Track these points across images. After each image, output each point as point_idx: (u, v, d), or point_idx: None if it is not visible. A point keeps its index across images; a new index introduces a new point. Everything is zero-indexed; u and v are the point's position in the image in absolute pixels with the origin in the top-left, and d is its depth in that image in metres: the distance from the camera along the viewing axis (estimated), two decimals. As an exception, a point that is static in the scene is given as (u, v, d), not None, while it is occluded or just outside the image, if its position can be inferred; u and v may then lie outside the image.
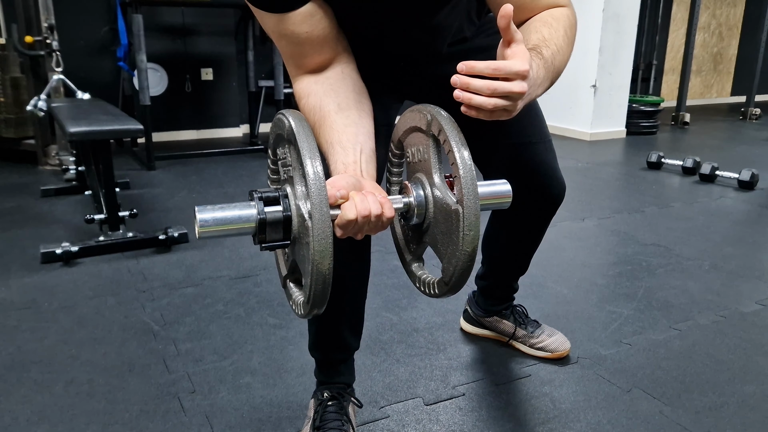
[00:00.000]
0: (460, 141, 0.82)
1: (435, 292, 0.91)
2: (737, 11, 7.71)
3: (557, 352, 1.55)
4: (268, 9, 0.96)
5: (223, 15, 4.71)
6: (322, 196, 0.75)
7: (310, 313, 0.83)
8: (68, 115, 2.56)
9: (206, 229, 0.79)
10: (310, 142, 0.78)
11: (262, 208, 0.80)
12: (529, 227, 1.38)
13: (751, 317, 1.83)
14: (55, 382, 1.46)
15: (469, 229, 0.80)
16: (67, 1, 4.14)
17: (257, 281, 2.07)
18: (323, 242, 0.75)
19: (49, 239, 2.35)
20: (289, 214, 0.81)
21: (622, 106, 5.09)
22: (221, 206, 0.81)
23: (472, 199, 0.80)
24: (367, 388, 1.45)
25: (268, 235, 0.81)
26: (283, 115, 0.83)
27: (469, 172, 0.80)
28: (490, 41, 1.25)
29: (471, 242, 0.81)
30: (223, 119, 5.02)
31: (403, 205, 0.90)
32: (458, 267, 0.83)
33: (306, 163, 0.76)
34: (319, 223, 0.74)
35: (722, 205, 3.10)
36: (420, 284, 0.95)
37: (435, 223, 0.88)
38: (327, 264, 0.76)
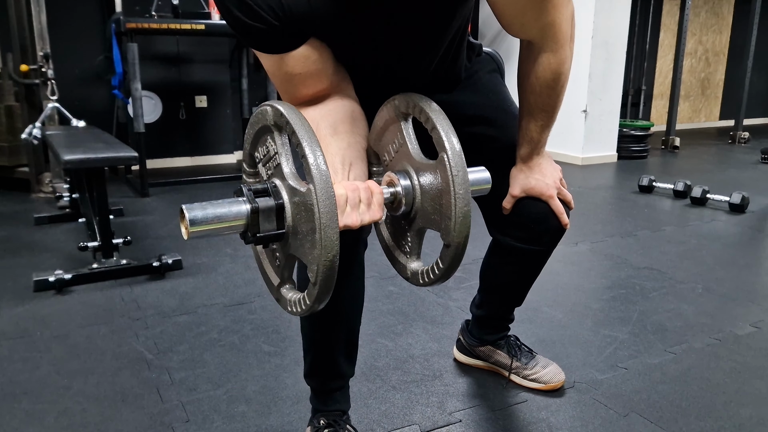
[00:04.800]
0: (445, 122, 0.83)
1: (439, 268, 0.88)
2: (723, 38, 7.86)
3: (551, 384, 1.54)
4: (262, 50, 0.98)
5: (217, 44, 4.77)
6: (322, 170, 0.72)
7: (318, 299, 0.79)
8: (63, 143, 2.57)
9: (196, 228, 0.76)
10: (302, 120, 0.76)
11: (252, 197, 0.78)
12: (526, 262, 1.37)
13: (746, 340, 1.83)
14: (47, 413, 1.45)
15: (461, 188, 0.80)
16: (62, 30, 4.17)
17: (251, 308, 2.06)
18: (329, 209, 0.72)
19: (42, 267, 2.34)
20: (282, 202, 0.78)
21: (612, 130, 5.15)
22: (210, 202, 0.78)
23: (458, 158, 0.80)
24: (363, 415, 1.44)
25: (262, 226, 0.78)
26: (266, 105, 0.81)
27: (458, 152, 0.81)
28: (487, 81, 1.29)
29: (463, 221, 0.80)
30: (217, 146, 5.04)
31: (390, 194, 0.89)
32: (457, 226, 0.81)
33: (303, 141, 0.74)
34: (321, 184, 0.72)
35: (714, 228, 3.12)
36: (422, 277, 0.93)
37: (424, 205, 0.87)
38: (334, 232, 0.72)
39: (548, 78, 1.12)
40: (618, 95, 5.09)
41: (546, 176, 1.23)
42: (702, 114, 8.03)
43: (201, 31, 3.87)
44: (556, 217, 1.26)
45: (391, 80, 1.16)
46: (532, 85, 1.14)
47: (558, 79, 1.13)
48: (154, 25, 3.75)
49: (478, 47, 1.31)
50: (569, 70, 1.14)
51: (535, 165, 1.23)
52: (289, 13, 0.93)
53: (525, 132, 1.20)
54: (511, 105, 1.32)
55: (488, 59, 1.34)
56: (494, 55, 1.36)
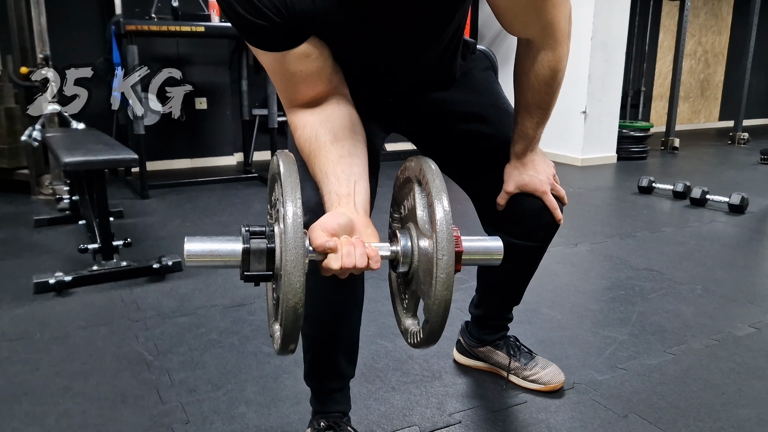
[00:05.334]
0: (440, 188, 0.83)
1: (419, 339, 0.91)
2: (722, 39, 7.86)
3: (550, 385, 1.54)
4: (263, 48, 0.98)
5: (217, 45, 4.77)
6: (297, 232, 0.76)
7: (284, 347, 0.83)
8: (63, 145, 2.57)
9: (193, 259, 0.82)
10: (293, 184, 0.79)
11: (248, 238, 0.82)
12: (522, 259, 1.38)
13: (745, 341, 1.84)
14: (47, 414, 1.45)
15: (443, 272, 0.80)
16: (62, 33, 4.18)
17: (251, 310, 2.06)
18: (294, 273, 0.76)
19: (42, 269, 2.34)
20: (273, 246, 0.82)
21: (612, 131, 5.15)
22: (210, 238, 0.83)
23: (446, 240, 0.80)
24: (362, 416, 1.45)
25: (252, 265, 0.83)
26: (276, 155, 0.85)
27: (444, 217, 0.80)
28: (481, 79, 1.30)
29: (444, 285, 0.80)
30: (217, 148, 5.04)
31: (390, 253, 0.90)
32: (434, 309, 0.82)
33: (287, 205, 0.77)
34: (292, 261, 0.76)
35: (713, 229, 3.13)
36: (409, 337, 0.95)
37: (419, 270, 0.88)
38: (296, 296, 0.76)
39: (546, 75, 1.14)
40: (617, 96, 5.10)
41: (540, 172, 1.25)
42: (701, 115, 8.04)
43: (201, 33, 3.88)
44: (550, 213, 1.27)
45: (390, 79, 1.17)
46: (530, 82, 1.15)
47: (556, 76, 1.15)
48: (153, 27, 3.76)
49: (472, 45, 1.32)
50: (566, 68, 1.16)
51: (529, 161, 1.25)
52: (292, 11, 0.93)
53: (520, 128, 1.21)
54: (505, 102, 1.34)
55: (482, 57, 1.35)
56: (488, 53, 1.37)
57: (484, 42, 5.48)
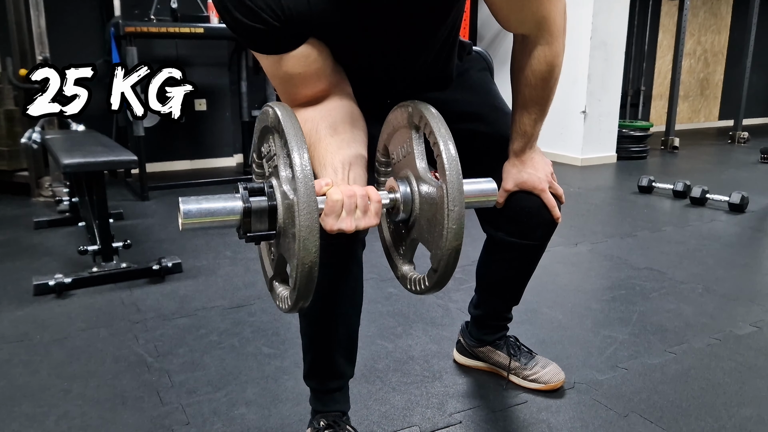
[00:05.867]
0: (446, 134, 0.82)
1: (425, 285, 0.89)
2: (722, 38, 7.86)
3: (550, 384, 1.54)
4: (262, 51, 0.98)
5: (216, 47, 4.77)
6: (306, 173, 0.73)
7: (296, 304, 0.80)
8: (62, 147, 2.57)
9: (190, 220, 0.78)
10: (294, 125, 0.77)
11: (247, 197, 0.79)
12: (521, 257, 1.38)
13: (746, 340, 1.83)
14: (47, 416, 1.45)
15: (454, 223, 0.79)
16: (61, 35, 4.18)
17: (251, 311, 2.06)
18: (310, 220, 0.73)
19: (42, 271, 2.34)
20: (275, 204, 0.79)
21: (612, 131, 5.15)
22: (206, 197, 0.80)
23: (457, 191, 0.79)
24: (363, 417, 1.44)
25: (253, 225, 0.80)
26: (269, 106, 0.82)
27: (454, 165, 0.80)
28: (477, 79, 1.31)
29: (456, 236, 0.80)
30: (217, 149, 5.04)
31: (389, 201, 0.89)
32: (444, 258, 0.81)
33: (291, 144, 0.75)
34: (305, 200, 0.72)
35: (714, 228, 3.12)
36: (410, 284, 0.94)
37: (421, 217, 0.87)
38: (313, 245, 0.73)
39: (543, 70, 1.14)
40: (617, 96, 5.10)
41: (538, 170, 1.25)
42: (701, 114, 8.04)
43: (200, 34, 3.88)
44: (548, 211, 1.27)
45: (388, 79, 1.17)
46: (527, 78, 1.16)
47: (552, 71, 1.15)
48: (153, 29, 3.75)
49: (468, 46, 1.33)
50: (562, 63, 1.17)
51: (528, 159, 1.25)
52: (288, 14, 0.93)
53: (518, 125, 1.22)
54: (501, 102, 1.34)
55: (478, 58, 1.36)
56: (484, 54, 1.38)
57: (483, 42, 5.48)
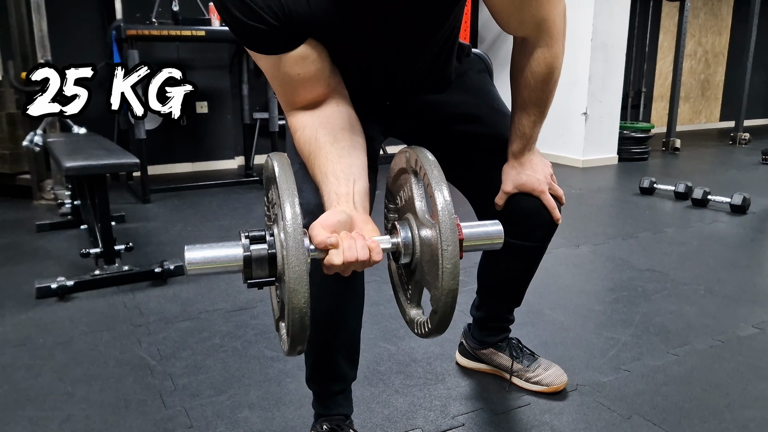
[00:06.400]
0: (440, 178, 0.83)
1: (428, 328, 0.91)
2: (722, 39, 7.87)
3: (553, 386, 1.54)
4: (261, 51, 0.98)
5: (217, 49, 4.78)
6: (297, 237, 0.76)
7: (293, 349, 0.83)
8: (64, 150, 2.57)
9: (194, 267, 0.82)
10: (289, 184, 0.79)
11: (248, 245, 0.82)
12: (521, 259, 1.38)
13: (749, 341, 1.83)
14: (50, 420, 1.45)
15: (449, 262, 0.80)
16: (63, 38, 4.19)
17: (254, 314, 2.06)
18: (298, 282, 0.75)
19: (44, 274, 2.34)
20: (274, 252, 0.81)
21: (613, 132, 5.15)
22: (210, 245, 0.83)
23: (449, 230, 0.80)
24: (366, 419, 1.44)
25: (254, 272, 0.83)
26: (269, 157, 0.85)
27: (446, 207, 0.80)
28: (476, 80, 1.31)
29: (451, 275, 0.80)
30: (218, 152, 5.05)
31: (391, 245, 0.90)
32: (442, 299, 0.82)
33: (284, 206, 0.77)
34: (294, 261, 0.75)
35: (715, 230, 3.12)
36: (417, 328, 0.95)
37: (422, 260, 0.88)
38: (302, 302, 0.76)
39: (543, 72, 1.14)
40: (618, 97, 5.10)
41: (537, 172, 1.25)
42: (702, 115, 8.04)
43: (201, 37, 3.88)
44: (548, 212, 1.27)
45: (387, 81, 1.17)
46: (526, 79, 1.16)
47: (552, 73, 1.15)
48: (154, 32, 3.76)
49: (467, 48, 1.33)
50: (561, 65, 1.17)
51: (527, 161, 1.25)
52: (288, 14, 0.94)
53: (517, 127, 1.22)
54: (500, 103, 1.34)
55: (477, 60, 1.36)
56: (483, 56, 1.38)
57: (483, 45, 5.48)
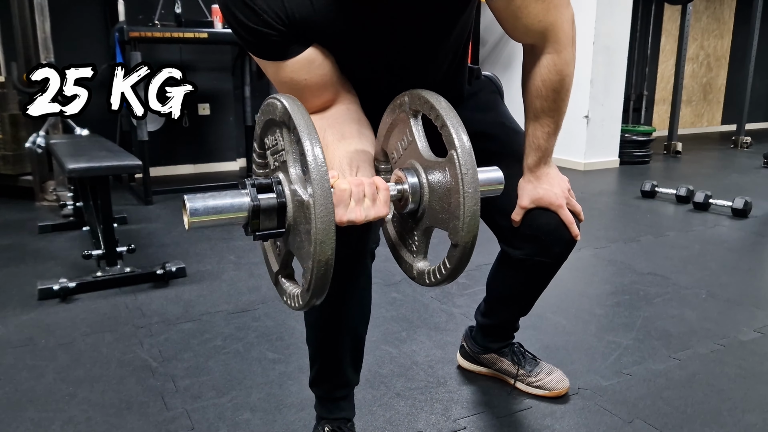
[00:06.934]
0: (447, 106, 0.81)
1: (447, 267, 0.87)
2: (724, 42, 7.87)
3: (555, 390, 1.53)
4: (266, 57, 0.99)
5: (220, 52, 4.79)
6: (322, 171, 0.72)
7: (308, 303, 0.79)
8: (67, 152, 2.58)
9: (197, 218, 0.76)
10: (306, 120, 0.75)
11: (255, 194, 0.77)
12: (536, 274, 1.36)
13: (750, 345, 1.83)
14: (52, 421, 1.45)
15: (471, 205, 0.78)
16: (66, 40, 4.20)
17: (255, 315, 2.06)
18: (326, 225, 0.72)
19: (46, 275, 2.35)
20: (284, 201, 0.78)
21: (614, 136, 5.15)
22: (212, 194, 0.78)
23: (468, 158, 0.79)
24: (367, 422, 1.44)
25: (262, 223, 0.78)
26: (275, 98, 0.80)
27: (468, 149, 0.79)
28: (486, 100, 1.31)
29: (472, 221, 0.79)
30: (220, 153, 5.05)
31: (397, 191, 0.88)
32: (464, 231, 0.80)
33: (304, 141, 0.73)
34: (321, 200, 0.71)
35: (717, 233, 3.12)
36: (429, 277, 0.91)
37: (431, 204, 0.85)
38: (330, 245, 0.72)
39: (554, 80, 1.13)
40: (620, 101, 5.10)
41: (554, 186, 1.22)
42: (704, 119, 8.04)
43: (204, 39, 3.89)
44: (566, 228, 1.24)
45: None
46: (537, 89, 1.14)
47: (563, 80, 1.13)
48: (157, 34, 3.77)
49: (477, 71, 1.33)
50: (573, 73, 1.15)
51: (543, 175, 1.22)
52: (292, 17, 0.94)
53: (532, 140, 1.20)
54: (512, 121, 1.33)
55: (488, 82, 1.36)
56: (493, 78, 1.38)
57: (486, 47, 5.48)
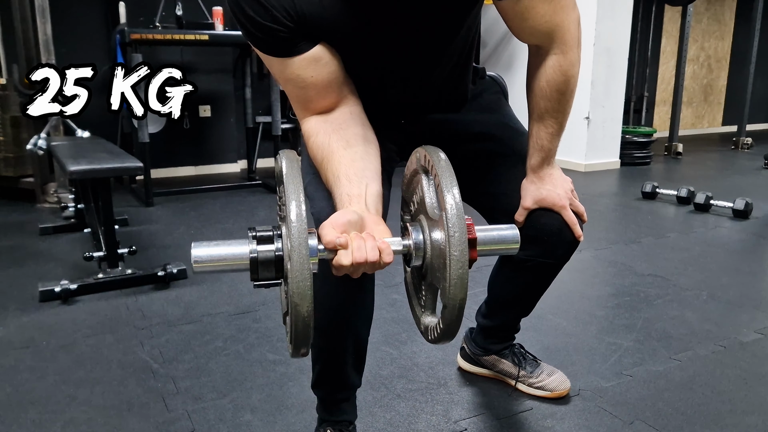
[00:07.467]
0: (449, 176, 0.81)
1: (440, 327, 0.89)
2: (725, 44, 7.87)
3: (556, 392, 1.54)
4: (273, 54, 0.99)
5: (221, 53, 4.79)
6: (301, 239, 0.75)
7: (297, 352, 0.82)
8: (68, 154, 2.58)
9: (200, 265, 0.81)
10: (296, 184, 0.78)
11: (254, 247, 0.81)
12: (538, 275, 1.36)
13: (751, 347, 1.83)
14: (53, 422, 1.45)
15: (457, 268, 0.78)
16: (67, 42, 4.20)
17: (256, 317, 2.07)
18: (301, 285, 0.74)
19: (47, 277, 2.35)
20: (281, 254, 0.81)
21: (615, 137, 5.15)
22: (216, 243, 0.82)
23: (459, 236, 0.78)
24: (368, 424, 1.44)
25: (260, 273, 0.82)
26: (279, 155, 0.84)
27: (456, 212, 0.79)
28: (491, 101, 1.30)
29: (459, 283, 0.79)
30: (221, 155, 5.06)
31: (402, 247, 0.89)
32: (449, 309, 0.81)
33: (290, 205, 0.76)
34: (297, 265, 0.74)
35: (718, 235, 3.12)
36: (430, 333, 0.92)
37: (432, 263, 0.86)
38: (306, 306, 0.75)
39: (559, 81, 1.13)
40: (620, 102, 5.10)
41: (557, 187, 1.22)
42: (705, 120, 8.04)
43: (204, 41, 3.90)
44: (569, 229, 1.23)
45: (402, 98, 1.17)
46: (542, 89, 1.14)
47: (568, 82, 1.13)
48: (158, 36, 3.78)
49: (481, 71, 1.33)
50: (578, 74, 1.15)
51: (547, 175, 1.22)
52: (301, 14, 0.95)
53: (536, 140, 1.20)
54: (516, 122, 1.33)
55: (492, 82, 1.36)
56: (498, 79, 1.38)
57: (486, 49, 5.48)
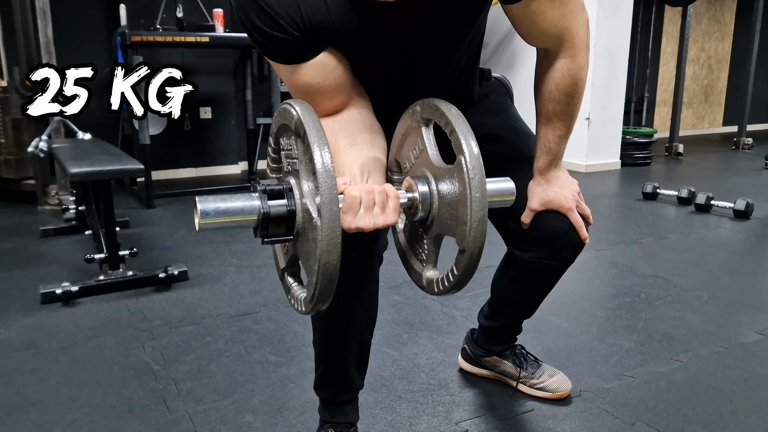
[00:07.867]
0: (458, 115, 0.81)
1: (455, 275, 0.87)
2: (725, 45, 7.87)
3: (558, 393, 1.54)
4: (281, 61, 0.99)
5: (221, 55, 4.80)
6: (332, 191, 0.72)
7: (313, 309, 0.80)
8: (69, 156, 2.59)
9: (207, 220, 0.77)
10: (319, 133, 0.75)
11: (266, 202, 0.78)
12: (543, 277, 1.36)
13: (752, 348, 1.83)
14: (55, 424, 1.45)
15: (479, 210, 0.78)
16: (68, 43, 4.21)
17: (257, 318, 2.07)
18: (332, 240, 0.72)
19: (48, 279, 2.35)
20: (294, 210, 0.78)
21: (616, 138, 5.15)
22: (223, 197, 0.79)
23: (479, 179, 0.79)
24: (369, 425, 1.44)
25: (271, 230, 0.79)
26: (290, 105, 0.80)
27: (477, 154, 0.79)
28: (497, 103, 1.30)
29: (479, 225, 0.79)
30: (222, 157, 5.06)
31: (407, 200, 0.88)
32: (467, 253, 0.80)
33: (315, 156, 0.73)
34: (328, 220, 0.72)
35: (719, 235, 3.12)
36: (437, 285, 0.91)
37: (440, 212, 0.85)
38: (334, 259, 0.73)
39: (567, 84, 1.13)
40: (621, 102, 5.10)
41: (564, 189, 1.22)
42: (705, 120, 8.03)
43: (205, 43, 3.91)
44: (575, 232, 1.23)
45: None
46: (550, 92, 1.14)
47: (576, 85, 1.13)
48: (159, 38, 3.79)
49: (487, 72, 1.33)
50: (586, 78, 1.15)
51: (553, 177, 1.22)
52: (308, 23, 0.95)
53: (543, 142, 1.19)
54: (522, 124, 1.33)
55: (498, 84, 1.36)
56: (503, 80, 1.38)
57: (487, 49, 5.48)
